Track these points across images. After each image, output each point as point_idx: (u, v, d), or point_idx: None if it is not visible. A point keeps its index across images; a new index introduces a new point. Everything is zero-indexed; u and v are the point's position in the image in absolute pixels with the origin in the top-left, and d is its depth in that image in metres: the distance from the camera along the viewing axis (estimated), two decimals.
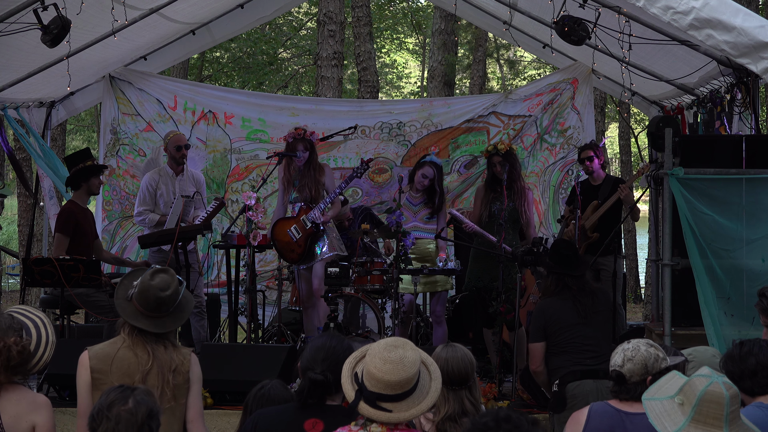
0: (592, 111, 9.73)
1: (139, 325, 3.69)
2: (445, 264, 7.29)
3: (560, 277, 5.59)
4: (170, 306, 3.72)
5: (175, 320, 3.77)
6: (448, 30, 14.96)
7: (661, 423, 2.87)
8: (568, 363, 5.38)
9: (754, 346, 3.51)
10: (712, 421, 2.80)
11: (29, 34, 6.26)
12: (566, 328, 5.45)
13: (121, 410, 2.90)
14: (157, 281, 3.70)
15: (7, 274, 17.40)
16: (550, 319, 5.51)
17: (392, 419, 2.86)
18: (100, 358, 3.68)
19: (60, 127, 12.49)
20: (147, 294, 3.68)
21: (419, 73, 26.60)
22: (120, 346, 3.70)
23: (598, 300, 5.59)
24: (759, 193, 5.52)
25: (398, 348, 2.88)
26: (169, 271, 3.80)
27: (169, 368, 3.66)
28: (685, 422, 2.82)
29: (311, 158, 7.35)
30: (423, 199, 7.50)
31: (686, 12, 5.52)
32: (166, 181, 7.82)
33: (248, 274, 7.18)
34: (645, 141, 16.91)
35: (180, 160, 7.83)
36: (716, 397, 2.81)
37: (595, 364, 5.29)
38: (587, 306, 5.50)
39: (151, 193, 7.80)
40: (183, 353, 3.75)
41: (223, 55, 18.78)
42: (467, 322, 8.00)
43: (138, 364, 3.65)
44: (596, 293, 5.63)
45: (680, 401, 2.87)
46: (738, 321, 5.32)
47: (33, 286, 7.26)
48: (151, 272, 3.75)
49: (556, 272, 5.61)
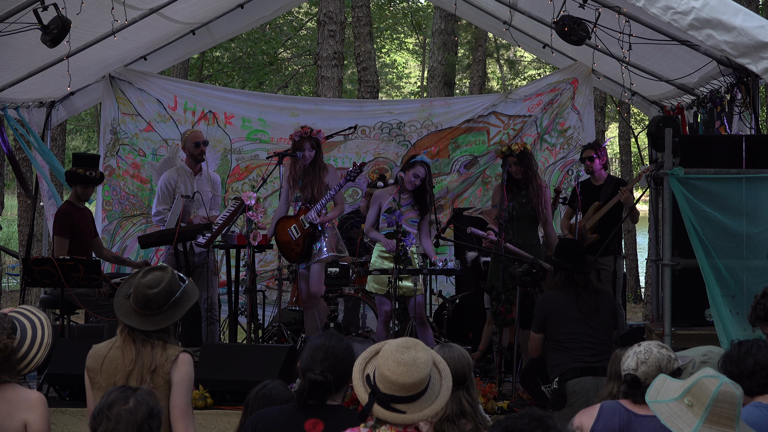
0: (592, 111, 9.73)
1: (129, 323, 3.68)
2: (445, 264, 7.27)
3: (569, 273, 5.69)
4: (161, 303, 3.68)
5: (168, 317, 3.72)
6: (448, 30, 14.97)
7: (674, 424, 2.88)
8: (568, 360, 5.41)
9: (752, 347, 3.52)
10: (725, 421, 2.82)
11: (29, 34, 6.26)
12: (567, 323, 5.53)
13: (121, 410, 2.90)
14: (148, 279, 3.69)
15: (7, 274, 17.40)
16: (551, 311, 5.60)
17: (407, 420, 2.87)
18: (94, 357, 3.70)
19: (60, 127, 12.48)
20: (136, 291, 3.68)
21: (419, 73, 26.60)
22: (113, 345, 3.71)
23: (601, 299, 5.66)
24: (759, 192, 5.52)
25: (410, 350, 2.88)
26: (166, 269, 3.78)
27: (148, 369, 3.63)
28: (699, 423, 2.83)
29: (317, 157, 7.33)
30: (410, 201, 7.28)
31: (686, 12, 5.52)
32: (185, 180, 7.73)
33: (248, 274, 7.18)
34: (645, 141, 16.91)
35: (199, 157, 7.73)
36: (729, 397, 2.83)
37: (594, 362, 5.32)
38: (589, 303, 5.58)
39: (170, 191, 7.67)
40: (168, 353, 3.68)
41: (223, 55, 18.78)
42: (467, 322, 8.00)
43: (123, 363, 3.64)
44: (600, 293, 5.71)
45: (689, 402, 2.88)
46: (743, 319, 5.31)
47: (33, 286, 7.25)
48: (145, 270, 3.74)
49: (565, 267, 5.70)
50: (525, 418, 2.47)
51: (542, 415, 2.46)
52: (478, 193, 9.61)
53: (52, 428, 5.70)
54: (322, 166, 7.37)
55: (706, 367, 3.18)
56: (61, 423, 5.83)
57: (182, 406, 3.67)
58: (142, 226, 9.35)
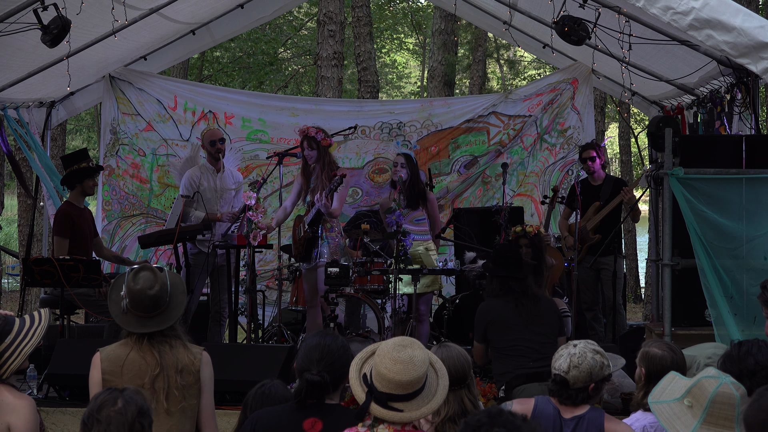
0: (592, 111, 9.73)
1: (145, 330, 3.67)
2: (445, 264, 7.28)
3: (504, 280, 5.61)
4: (164, 298, 3.69)
5: (176, 308, 3.72)
6: (448, 30, 14.96)
7: (672, 426, 2.88)
8: (513, 367, 5.36)
9: (752, 347, 3.53)
10: (724, 422, 2.81)
11: (29, 34, 6.25)
12: (508, 330, 5.45)
13: (111, 411, 2.91)
14: (142, 282, 3.67)
15: (7, 274, 17.40)
16: (491, 321, 5.53)
17: (404, 419, 2.88)
18: (111, 360, 3.67)
19: (60, 127, 12.48)
20: (136, 298, 3.66)
21: (419, 73, 26.60)
22: (131, 349, 3.69)
23: (541, 304, 5.60)
24: (759, 192, 5.52)
25: (407, 348, 2.90)
26: (146, 265, 3.79)
27: (175, 369, 3.64)
28: (697, 424, 2.82)
29: (321, 158, 7.32)
30: (406, 201, 7.45)
31: (686, 12, 5.52)
32: (208, 177, 7.67)
33: (248, 274, 7.18)
34: (645, 141, 16.91)
35: (215, 155, 7.66)
36: (727, 398, 2.81)
37: (539, 367, 5.25)
38: (530, 309, 5.52)
39: (194, 188, 7.57)
40: (193, 352, 3.72)
41: (223, 55, 18.78)
42: (467, 322, 7.99)
43: (147, 366, 3.64)
44: (540, 297, 5.65)
45: (689, 403, 2.87)
46: (741, 320, 5.31)
47: (33, 286, 7.26)
48: (132, 275, 3.70)
49: (500, 275, 5.63)
50: (482, 414, 2.50)
51: (499, 412, 2.48)
52: (478, 193, 9.62)
53: (52, 428, 5.72)
54: (331, 166, 7.35)
55: (709, 368, 3.18)
56: (61, 423, 5.82)
57: (211, 408, 3.76)
58: (141, 226, 9.34)
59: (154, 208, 9.42)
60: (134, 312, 3.68)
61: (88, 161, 7.42)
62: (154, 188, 9.46)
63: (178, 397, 3.64)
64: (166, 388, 3.61)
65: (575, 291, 7.47)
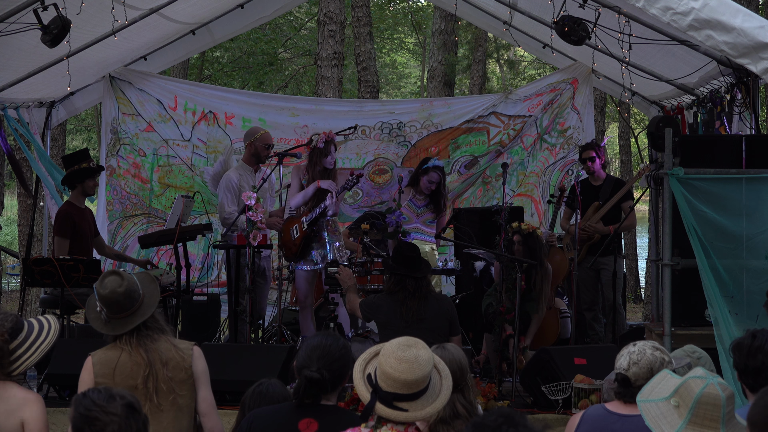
0: (592, 111, 9.74)
1: (131, 327, 3.68)
2: (445, 264, 7.28)
3: (401, 278, 5.69)
4: (137, 293, 3.69)
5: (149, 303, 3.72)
6: (448, 30, 14.94)
7: (657, 426, 2.87)
8: None
9: (765, 343, 3.45)
10: (709, 423, 2.80)
11: (29, 34, 6.26)
12: (389, 330, 5.51)
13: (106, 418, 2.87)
14: (110, 285, 3.66)
15: (7, 274, 17.41)
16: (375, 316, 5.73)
17: (409, 418, 2.88)
18: (103, 364, 3.68)
19: (60, 127, 12.49)
20: (108, 300, 3.66)
21: (419, 73, 26.59)
22: (121, 351, 3.70)
23: (428, 306, 5.66)
24: (759, 193, 5.52)
25: (411, 347, 2.90)
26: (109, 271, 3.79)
27: (160, 362, 3.65)
28: (682, 425, 2.82)
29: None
30: (426, 201, 7.77)
31: (686, 13, 5.52)
32: (247, 179, 7.59)
33: (248, 274, 7.17)
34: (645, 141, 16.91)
35: (265, 159, 7.69)
36: (713, 399, 2.81)
37: None
38: (413, 311, 5.60)
39: (236, 190, 7.46)
40: (182, 348, 3.73)
41: (223, 55, 18.78)
42: (467, 322, 7.98)
43: (138, 367, 3.65)
44: (428, 299, 5.70)
45: (676, 403, 2.86)
46: (742, 319, 5.31)
47: (33, 286, 7.26)
48: (98, 284, 3.70)
49: (398, 273, 5.71)
50: (494, 415, 2.48)
51: (511, 413, 2.47)
52: (478, 193, 9.62)
53: (52, 428, 5.72)
54: (335, 169, 7.48)
55: (697, 368, 3.17)
56: (61, 423, 5.82)
57: (210, 399, 3.76)
58: (143, 226, 9.35)
59: (155, 208, 9.43)
60: (114, 316, 3.69)
61: (89, 161, 7.43)
62: (154, 188, 9.46)
63: (166, 390, 3.64)
64: (154, 382, 3.62)
65: (575, 291, 7.48)
